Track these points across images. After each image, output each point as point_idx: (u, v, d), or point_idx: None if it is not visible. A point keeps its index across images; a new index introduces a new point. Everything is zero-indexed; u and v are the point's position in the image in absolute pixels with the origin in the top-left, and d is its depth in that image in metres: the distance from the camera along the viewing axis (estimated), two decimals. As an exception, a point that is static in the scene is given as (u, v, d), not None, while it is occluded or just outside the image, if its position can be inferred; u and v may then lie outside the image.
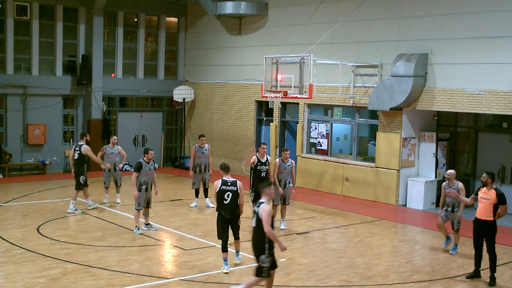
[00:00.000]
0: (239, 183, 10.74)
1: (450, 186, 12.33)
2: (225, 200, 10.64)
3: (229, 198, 10.62)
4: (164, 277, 10.46)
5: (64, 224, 14.15)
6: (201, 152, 16.39)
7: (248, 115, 22.27)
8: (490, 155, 17.23)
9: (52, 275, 10.30)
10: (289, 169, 14.23)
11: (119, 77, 23.71)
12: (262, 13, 21.52)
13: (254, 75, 21.43)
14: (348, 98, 18.63)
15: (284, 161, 14.23)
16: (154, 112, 24.86)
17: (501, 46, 15.23)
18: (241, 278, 10.46)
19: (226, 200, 10.63)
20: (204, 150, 16.43)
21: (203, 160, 16.38)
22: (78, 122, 22.90)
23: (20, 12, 21.38)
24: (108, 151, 16.63)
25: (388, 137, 17.64)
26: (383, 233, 14.37)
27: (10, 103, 21.32)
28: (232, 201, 10.63)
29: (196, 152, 16.38)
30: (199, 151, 16.40)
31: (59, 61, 22.33)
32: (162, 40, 24.70)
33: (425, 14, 16.89)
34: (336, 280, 10.60)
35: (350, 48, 18.64)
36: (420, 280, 10.72)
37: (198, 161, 16.36)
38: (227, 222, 10.78)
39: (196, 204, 16.63)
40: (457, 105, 16.13)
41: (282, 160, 14.25)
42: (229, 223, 10.80)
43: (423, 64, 16.68)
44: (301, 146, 20.21)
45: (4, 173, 21.02)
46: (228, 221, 10.77)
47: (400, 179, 17.54)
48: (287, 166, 14.19)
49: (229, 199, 10.62)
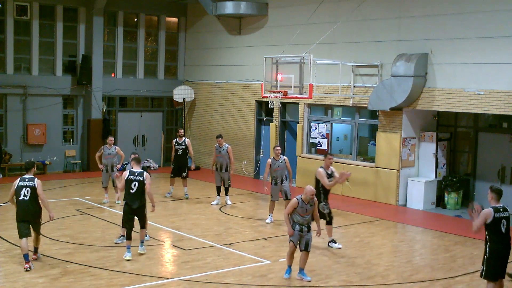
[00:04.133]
0: (146, 174, 11.33)
1: None
2: (132, 190, 11.23)
3: (135, 187, 11.19)
4: (164, 277, 10.46)
5: (64, 224, 14.15)
6: (218, 151, 16.75)
7: (248, 115, 22.27)
8: (490, 155, 17.22)
9: (52, 275, 10.30)
10: (282, 165, 14.76)
11: (119, 77, 23.72)
12: (262, 13, 21.52)
13: (254, 75, 21.43)
14: (348, 98, 18.63)
15: (276, 159, 14.76)
16: (154, 112, 24.86)
17: (501, 46, 15.23)
18: (242, 278, 10.47)
19: (133, 189, 11.22)
20: (221, 150, 16.70)
21: (220, 159, 16.70)
22: (78, 122, 22.90)
23: (20, 12, 21.38)
24: (106, 152, 16.62)
25: (388, 137, 17.64)
26: (383, 233, 14.37)
27: (10, 103, 21.33)
28: (138, 190, 11.21)
29: (215, 151, 16.85)
30: (217, 150, 16.80)
31: (59, 61, 22.33)
32: (162, 40, 24.70)
33: (425, 14, 16.89)
34: (336, 280, 10.60)
35: (350, 48, 18.63)
36: (420, 280, 10.72)
37: (216, 160, 16.80)
38: (134, 212, 11.35)
39: (217, 202, 16.95)
40: (457, 105, 16.12)
41: (273, 158, 14.80)
42: (135, 212, 11.36)
43: (423, 64, 16.67)
44: (301, 146, 20.21)
45: (4, 173, 21.03)
46: (134, 210, 11.34)
47: (400, 179, 17.53)
48: (280, 163, 14.74)
49: (135, 188, 11.20)
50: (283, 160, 14.78)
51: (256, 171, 22.04)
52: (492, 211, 9.01)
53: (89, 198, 17.35)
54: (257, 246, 12.65)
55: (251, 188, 19.84)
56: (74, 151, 22.76)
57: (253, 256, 11.89)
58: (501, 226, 9.04)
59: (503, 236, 9.07)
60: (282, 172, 14.76)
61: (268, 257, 11.82)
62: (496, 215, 8.98)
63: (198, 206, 16.78)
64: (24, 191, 10.63)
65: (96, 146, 22.50)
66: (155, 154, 24.04)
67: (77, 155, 22.87)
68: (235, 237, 13.38)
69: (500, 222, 9.02)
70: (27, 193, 10.62)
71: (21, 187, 10.67)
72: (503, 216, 9.03)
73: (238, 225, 14.63)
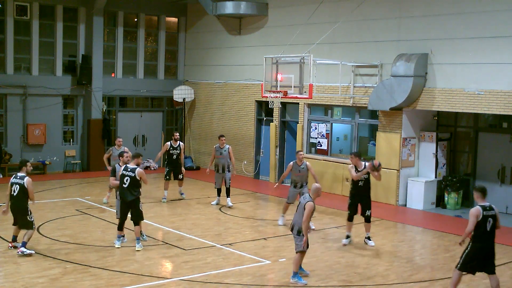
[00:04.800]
0: (138, 170, 11.92)
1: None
2: (124, 184, 11.89)
3: (127, 182, 11.85)
4: (164, 277, 10.46)
5: (64, 224, 14.15)
6: (220, 153, 16.42)
7: (248, 115, 22.27)
8: (490, 155, 17.22)
9: (52, 275, 10.30)
10: (304, 171, 14.43)
11: (119, 77, 23.72)
12: (262, 13, 21.52)
13: (254, 75, 21.43)
14: (348, 98, 18.63)
15: (298, 164, 14.45)
16: (154, 112, 24.87)
17: (501, 46, 15.23)
18: (241, 278, 10.48)
19: (125, 184, 11.88)
20: (223, 151, 16.41)
21: (222, 161, 16.38)
22: (78, 122, 22.90)
23: (20, 12, 21.38)
24: (115, 153, 16.45)
25: (388, 137, 17.64)
26: (383, 233, 14.37)
27: (10, 103, 21.33)
28: (130, 185, 11.84)
29: (216, 152, 16.51)
30: (218, 151, 16.46)
31: (59, 61, 22.33)
32: (162, 40, 24.70)
33: (425, 14, 16.89)
34: (336, 280, 10.60)
35: (350, 48, 18.63)
36: (420, 280, 10.73)
37: (217, 161, 16.44)
38: (127, 205, 11.96)
39: (217, 202, 16.78)
40: (457, 105, 16.12)
41: (296, 162, 14.46)
42: (129, 205, 11.95)
43: (423, 64, 16.67)
44: (301, 146, 20.20)
45: (4, 173, 21.03)
46: (127, 204, 11.95)
47: (400, 179, 17.53)
48: (302, 169, 14.42)
49: (127, 183, 11.85)
50: (305, 165, 14.43)
51: (256, 171, 22.04)
52: (480, 209, 9.28)
53: (89, 198, 17.35)
54: (257, 246, 12.65)
55: (251, 188, 19.84)
56: (74, 151, 22.76)
57: (253, 256, 11.89)
58: (487, 224, 9.29)
59: (487, 234, 9.32)
60: (302, 178, 14.46)
61: (268, 257, 11.83)
62: (484, 213, 9.25)
63: (198, 206, 16.78)
64: (14, 187, 11.48)
65: (96, 146, 22.59)
66: (155, 154, 23.87)
67: (77, 155, 22.87)
68: (235, 237, 13.38)
69: (486, 220, 9.27)
70: (15, 190, 11.46)
71: (13, 183, 11.56)
72: (489, 215, 9.31)
73: (238, 225, 14.63)
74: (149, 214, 14.96)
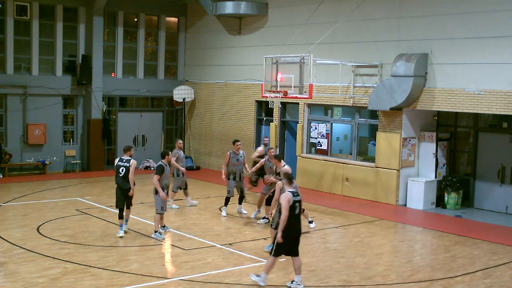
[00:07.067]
0: (132, 161, 12.93)
1: None
2: (120, 174, 12.94)
3: (123, 172, 12.90)
4: (164, 277, 10.46)
5: (64, 224, 14.15)
6: (236, 159, 15.16)
7: (248, 115, 22.27)
8: (490, 155, 17.22)
9: (52, 275, 10.30)
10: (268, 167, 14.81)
11: (119, 77, 23.71)
12: (262, 13, 21.52)
13: (254, 75, 21.43)
14: (348, 98, 18.64)
15: None
16: (154, 112, 24.86)
17: (501, 46, 15.23)
18: (241, 278, 10.48)
19: (121, 173, 12.92)
20: (239, 157, 15.20)
21: (239, 168, 15.16)
22: (78, 122, 22.89)
23: (20, 12, 21.37)
24: (181, 156, 16.51)
25: (388, 137, 17.64)
26: (383, 233, 14.37)
27: (10, 103, 21.32)
28: (125, 175, 12.88)
29: (231, 159, 15.14)
30: (234, 157, 15.16)
31: (59, 61, 22.32)
32: (162, 40, 24.70)
33: (425, 14, 16.89)
34: (336, 280, 10.60)
35: (350, 48, 18.64)
36: (420, 280, 10.72)
37: (233, 169, 15.13)
38: (123, 192, 12.94)
39: (225, 214, 15.51)
40: (457, 105, 16.13)
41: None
42: (124, 193, 12.94)
43: (423, 64, 16.67)
44: (301, 146, 20.20)
45: (4, 173, 21.02)
46: (123, 191, 12.93)
47: (400, 179, 17.53)
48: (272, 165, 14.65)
49: (123, 173, 12.90)
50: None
51: (256, 171, 22.02)
52: (291, 194, 9.82)
53: (89, 198, 17.35)
54: (257, 246, 12.65)
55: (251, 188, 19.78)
56: (74, 151, 22.76)
57: (253, 256, 11.89)
58: (296, 209, 9.88)
59: (295, 217, 9.93)
60: None
61: (268, 257, 11.79)
62: (294, 198, 9.85)
63: (198, 206, 16.76)
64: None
65: (96, 146, 22.61)
66: (155, 154, 23.97)
67: (77, 155, 22.86)
68: (235, 237, 13.38)
69: (294, 205, 9.85)
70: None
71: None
72: (297, 200, 9.93)
73: (238, 225, 14.63)
74: (149, 214, 14.98)
